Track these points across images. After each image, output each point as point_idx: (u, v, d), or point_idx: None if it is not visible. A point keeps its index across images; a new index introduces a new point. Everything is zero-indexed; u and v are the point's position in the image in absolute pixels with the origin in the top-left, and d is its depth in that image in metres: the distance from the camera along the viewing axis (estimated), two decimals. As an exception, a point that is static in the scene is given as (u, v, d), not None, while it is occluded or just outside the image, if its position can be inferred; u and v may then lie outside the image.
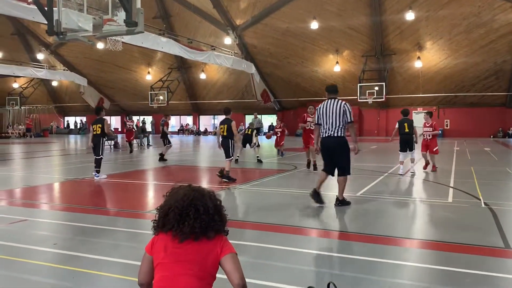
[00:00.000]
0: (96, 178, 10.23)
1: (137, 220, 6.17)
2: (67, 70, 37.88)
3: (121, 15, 8.27)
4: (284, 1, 28.18)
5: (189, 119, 43.92)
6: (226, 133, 9.83)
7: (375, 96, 30.40)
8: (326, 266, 4.23)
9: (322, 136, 6.95)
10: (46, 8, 8.86)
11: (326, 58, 31.87)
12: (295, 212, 6.58)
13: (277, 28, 29.99)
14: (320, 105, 7.04)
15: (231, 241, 2.23)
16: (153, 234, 2.20)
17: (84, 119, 46.24)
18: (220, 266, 2.11)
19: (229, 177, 9.63)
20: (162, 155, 14.76)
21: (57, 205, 7.47)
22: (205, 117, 43.41)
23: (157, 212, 2.20)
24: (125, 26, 8.28)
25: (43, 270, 4.07)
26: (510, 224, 5.87)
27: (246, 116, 37.62)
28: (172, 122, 41.13)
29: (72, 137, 37.50)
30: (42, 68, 35.01)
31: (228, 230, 2.22)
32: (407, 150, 10.89)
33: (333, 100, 6.92)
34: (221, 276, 2.15)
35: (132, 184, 9.93)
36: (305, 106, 21.24)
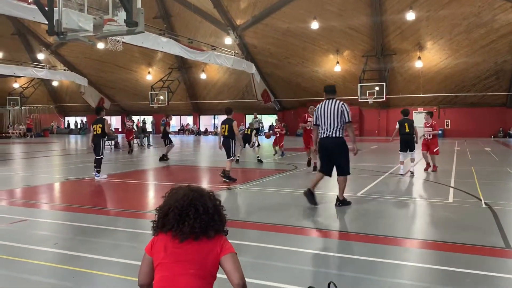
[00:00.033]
0: (97, 178, 10.24)
1: (137, 220, 6.17)
2: (67, 70, 37.89)
3: (122, 15, 8.28)
4: (284, 1, 28.18)
5: (189, 119, 43.93)
6: (227, 133, 9.83)
7: (375, 96, 30.42)
8: (326, 266, 4.23)
9: (320, 137, 6.92)
10: (46, 8, 8.87)
11: (327, 58, 31.87)
12: (295, 212, 6.58)
13: (277, 28, 29.99)
14: (318, 106, 7.02)
15: (232, 241, 2.23)
16: (153, 235, 2.20)
17: (85, 119, 46.26)
18: (219, 265, 2.11)
19: (230, 177, 9.62)
20: (165, 155, 14.77)
21: (57, 205, 7.47)
22: (205, 117, 43.42)
23: (157, 213, 2.20)
24: (125, 26, 8.28)
25: (44, 270, 4.08)
26: (510, 224, 5.86)
27: (246, 116, 37.62)
28: (173, 122, 41.11)
29: (72, 137, 37.52)
30: (42, 68, 35.03)
31: (227, 230, 2.23)
32: (407, 151, 10.86)
33: (331, 100, 6.88)
34: (221, 276, 2.15)
35: (132, 184, 9.93)
36: (305, 106, 21.28)
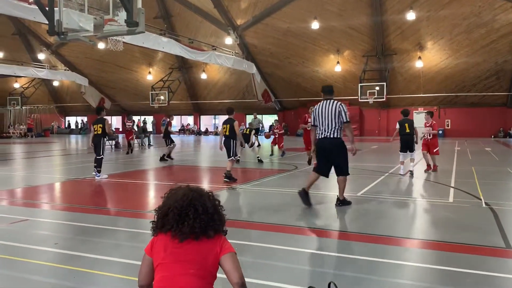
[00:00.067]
0: (97, 178, 10.25)
1: (138, 220, 6.17)
2: (68, 70, 37.89)
3: (122, 15, 8.28)
4: (285, 1, 28.18)
5: (190, 119, 43.95)
6: (228, 133, 9.81)
7: (376, 96, 30.42)
8: (326, 266, 4.23)
9: (318, 137, 6.87)
10: (47, 8, 8.88)
11: (327, 58, 31.87)
12: (295, 212, 6.58)
13: (278, 28, 29.99)
14: (316, 106, 6.97)
15: (232, 241, 2.24)
16: (152, 235, 2.20)
17: (85, 119, 46.27)
18: (219, 265, 2.12)
19: (230, 177, 9.62)
20: (169, 156, 14.80)
21: (58, 205, 7.48)
22: (206, 117, 43.43)
23: (156, 213, 2.20)
24: (126, 26, 8.29)
25: (44, 270, 4.08)
26: (511, 224, 5.86)
27: (247, 116, 37.64)
28: (173, 122, 41.09)
29: (73, 137, 37.53)
30: (43, 68, 35.04)
31: (226, 230, 2.23)
32: (407, 151, 10.83)
33: (328, 101, 6.84)
34: (221, 276, 2.15)
35: (133, 184, 9.94)
36: (305, 106, 21.30)
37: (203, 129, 42.32)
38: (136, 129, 25.11)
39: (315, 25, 27.99)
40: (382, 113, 34.63)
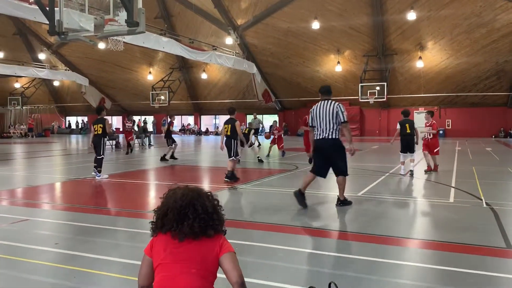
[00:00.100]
0: (98, 178, 10.25)
1: (138, 220, 6.17)
2: (68, 70, 37.92)
3: (123, 15, 8.28)
4: (285, 1, 28.18)
5: (190, 119, 43.95)
6: (229, 133, 9.80)
7: (376, 96, 30.43)
8: (327, 266, 4.22)
9: (316, 138, 6.81)
10: (47, 8, 8.89)
11: (328, 58, 31.86)
12: (296, 212, 6.57)
13: (278, 28, 29.98)
14: (313, 107, 6.91)
15: (232, 241, 2.23)
16: (152, 236, 2.20)
17: (86, 119, 46.28)
18: (219, 265, 2.12)
19: (231, 176, 9.62)
20: (172, 156, 14.82)
21: (58, 205, 7.48)
22: (206, 117, 43.43)
23: (155, 214, 2.20)
24: (126, 26, 8.29)
25: (45, 270, 4.08)
26: (511, 224, 5.85)
27: (247, 116, 37.64)
28: (174, 122, 41.07)
29: (73, 137, 37.55)
30: (43, 68, 35.06)
31: (226, 230, 2.23)
32: (407, 152, 10.81)
33: (326, 101, 6.78)
34: (222, 276, 2.15)
35: (133, 184, 9.94)
36: (306, 106, 21.33)
37: (203, 129, 42.32)
38: (136, 129, 25.14)
39: (315, 25, 27.98)
40: (383, 113, 34.62)
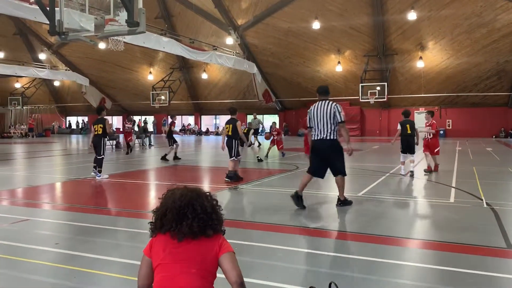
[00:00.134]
0: (98, 178, 10.25)
1: (138, 220, 6.17)
2: (69, 70, 37.93)
3: (123, 15, 8.29)
4: (285, 1, 28.17)
5: (190, 119, 43.96)
6: (231, 133, 9.80)
7: (377, 96, 30.41)
8: (327, 266, 4.22)
9: (313, 139, 6.78)
10: (48, 8, 8.89)
11: (328, 58, 31.85)
12: (296, 212, 6.57)
13: (278, 28, 29.98)
14: (311, 107, 6.88)
15: (232, 241, 2.24)
16: (151, 236, 2.20)
17: (86, 119, 46.29)
18: (218, 264, 2.12)
19: (232, 176, 9.62)
20: (176, 156, 14.85)
21: (59, 205, 7.48)
22: (207, 117, 43.43)
23: (154, 214, 2.20)
24: (126, 26, 8.29)
25: (45, 270, 4.08)
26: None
27: (247, 116, 37.64)
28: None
29: (73, 137, 37.57)
30: (44, 68, 35.07)
31: (225, 230, 2.23)
32: (407, 153, 10.80)
33: (324, 101, 6.75)
34: (221, 276, 2.14)
35: (133, 184, 9.94)
36: (306, 106, 21.28)
37: (204, 129, 42.32)
38: (137, 129, 25.16)
39: (316, 25, 27.97)
40: (383, 113, 34.62)
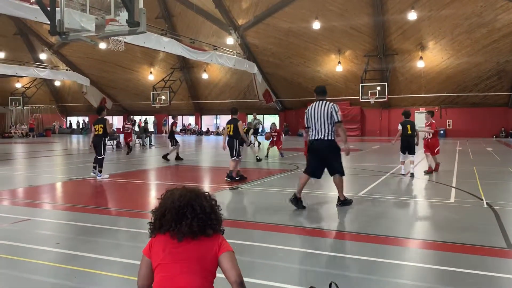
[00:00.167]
0: (99, 178, 10.26)
1: (139, 220, 6.18)
2: (69, 70, 37.95)
3: (124, 15, 8.29)
4: (286, 1, 28.17)
5: (191, 119, 43.96)
6: (232, 133, 9.83)
7: (377, 96, 30.39)
8: (327, 266, 4.23)
9: (311, 139, 6.76)
10: (48, 8, 8.90)
11: (328, 58, 31.84)
12: (296, 212, 6.57)
13: (279, 28, 29.98)
14: (308, 107, 6.87)
15: (233, 241, 2.24)
16: (150, 237, 2.20)
17: (87, 119, 46.31)
18: (217, 264, 2.12)
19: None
20: (178, 157, 14.86)
21: (59, 205, 7.49)
22: (207, 117, 43.43)
23: (153, 215, 2.21)
24: (127, 26, 8.30)
25: (46, 270, 4.09)
26: (512, 225, 5.86)
27: (248, 116, 37.64)
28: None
29: (74, 137, 37.58)
30: (44, 68, 35.09)
31: (223, 229, 2.24)
32: (407, 152, 10.80)
33: (321, 101, 6.75)
34: (222, 275, 2.15)
35: (134, 184, 9.95)
36: (307, 106, 21.24)
37: (204, 129, 42.33)
38: (137, 129, 25.15)
39: (316, 25, 27.98)
40: (384, 113, 34.60)
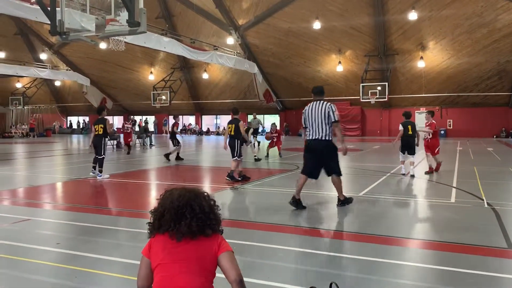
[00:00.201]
0: (99, 177, 10.27)
1: (140, 219, 6.17)
2: (70, 70, 37.96)
3: (124, 15, 8.29)
4: (286, 1, 28.17)
5: (191, 119, 43.97)
6: (233, 133, 9.84)
7: (377, 96, 30.38)
8: (328, 266, 4.22)
9: (308, 139, 6.76)
10: (49, 8, 8.90)
11: (329, 58, 31.84)
12: (296, 212, 6.57)
13: (279, 28, 29.98)
14: (306, 107, 6.87)
15: (233, 241, 2.24)
16: (149, 237, 2.20)
17: (87, 119, 46.32)
18: (217, 263, 2.12)
19: (233, 176, 9.62)
20: (178, 157, 14.87)
21: (60, 205, 7.49)
22: (207, 117, 43.44)
23: (152, 215, 2.21)
24: (127, 26, 8.30)
25: (46, 270, 4.09)
26: (512, 225, 5.85)
27: (248, 116, 37.62)
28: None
29: (74, 137, 37.58)
30: (45, 68, 35.10)
31: (222, 229, 2.24)
32: (406, 152, 10.80)
33: (318, 101, 6.74)
34: (221, 275, 2.15)
35: (134, 184, 9.95)
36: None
37: (204, 129, 42.34)
38: (137, 129, 25.15)
39: (316, 25, 27.97)
40: (384, 113, 34.59)
